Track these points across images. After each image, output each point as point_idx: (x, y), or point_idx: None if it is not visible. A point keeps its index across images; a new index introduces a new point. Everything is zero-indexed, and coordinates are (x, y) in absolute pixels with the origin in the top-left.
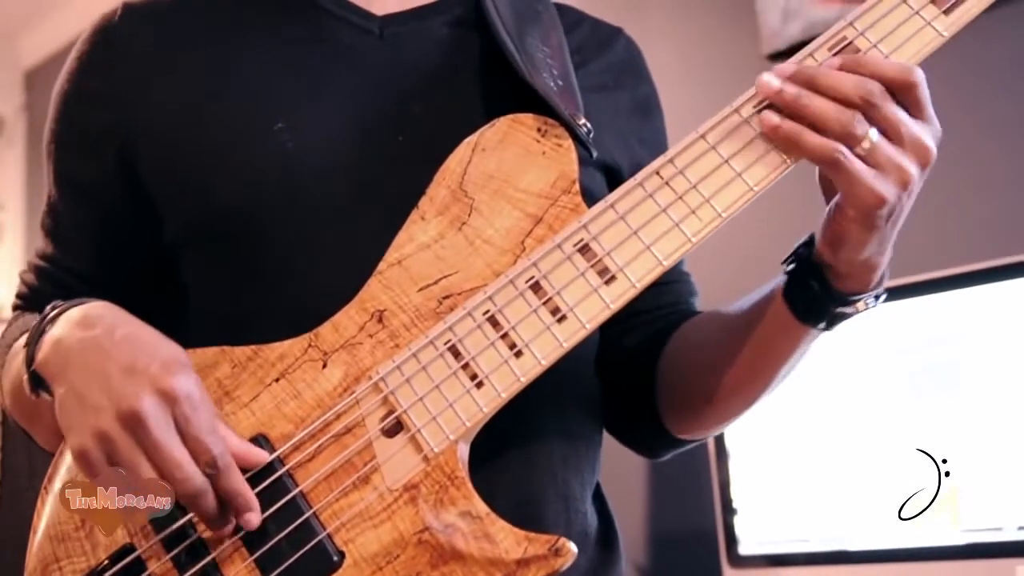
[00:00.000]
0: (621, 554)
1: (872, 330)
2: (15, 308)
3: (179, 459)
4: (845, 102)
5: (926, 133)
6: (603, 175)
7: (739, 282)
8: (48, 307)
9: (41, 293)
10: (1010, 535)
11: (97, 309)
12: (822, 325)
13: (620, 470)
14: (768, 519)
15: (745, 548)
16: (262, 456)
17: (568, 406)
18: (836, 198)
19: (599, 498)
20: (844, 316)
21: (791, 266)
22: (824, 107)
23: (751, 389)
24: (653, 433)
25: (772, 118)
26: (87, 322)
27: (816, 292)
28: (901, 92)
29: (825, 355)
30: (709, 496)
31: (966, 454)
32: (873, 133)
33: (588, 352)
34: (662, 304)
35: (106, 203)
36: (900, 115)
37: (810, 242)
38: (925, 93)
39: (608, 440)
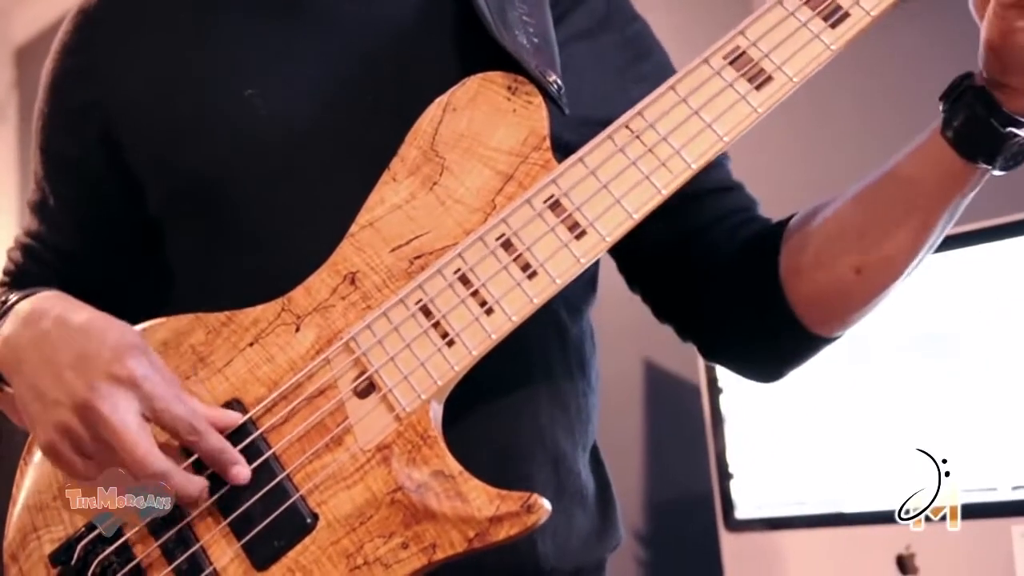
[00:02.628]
0: (618, 518)
1: None
2: (1, 285)
3: (133, 444)
4: None
5: None
6: (585, 130)
7: None
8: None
9: (26, 272)
10: (1004, 495)
11: (45, 301)
12: (985, 155)
13: (618, 436)
14: (764, 483)
15: (742, 512)
16: (232, 418)
17: (554, 365)
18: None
19: (596, 460)
20: (1012, 141)
21: (951, 101)
22: None
23: (903, 251)
24: (789, 339)
25: None
26: (35, 316)
27: (981, 116)
28: None
29: None
30: (705, 461)
31: (961, 414)
32: None
33: (575, 312)
34: (735, 209)
35: (90, 180)
36: None
37: (967, 75)
38: None
39: (603, 406)
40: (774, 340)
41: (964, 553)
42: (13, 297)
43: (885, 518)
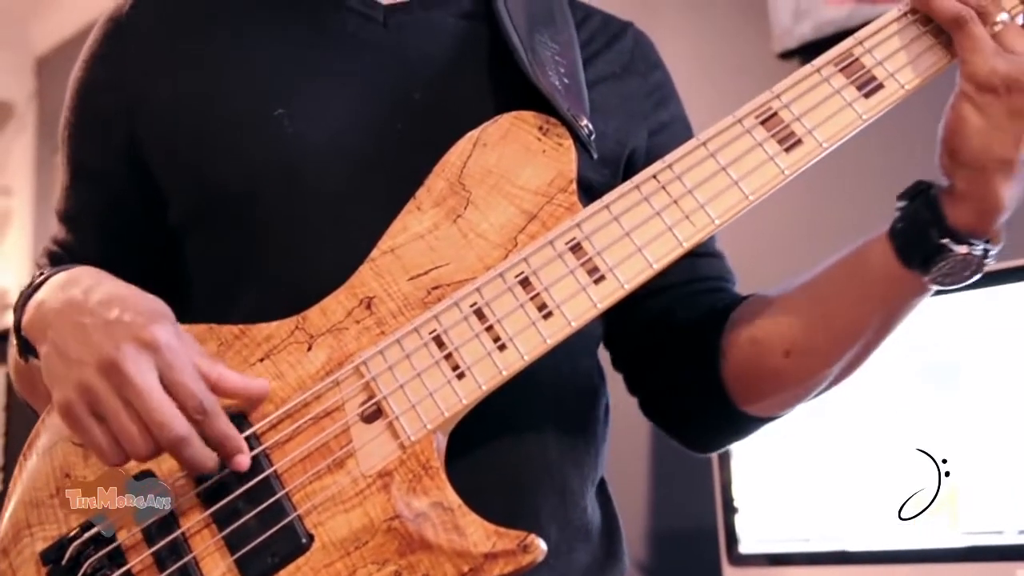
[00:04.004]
0: (624, 552)
1: None
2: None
3: (158, 405)
4: None
5: None
6: (609, 170)
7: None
8: (36, 274)
9: None
10: (1010, 538)
11: (80, 272)
12: (919, 262)
13: (622, 467)
14: (769, 518)
15: (746, 547)
16: (263, 387)
17: (564, 399)
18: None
19: (603, 494)
20: (946, 255)
21: (906, 201)
22: None
23: (831, 343)
24: (713, 409)
25: None
26: (68, 283)
27: (924, 220)
28: None
29: None
30: (710, 494)
31: (967, 456)
32: (1003, 16)
33: (585, 344)
34: (703, 276)
35: (116, 189)
36: None
37: (930, 183)
38: None
39: (610, 437)
40: (704, 412)
41: None
42: (49, 271)
43: (889, 558)
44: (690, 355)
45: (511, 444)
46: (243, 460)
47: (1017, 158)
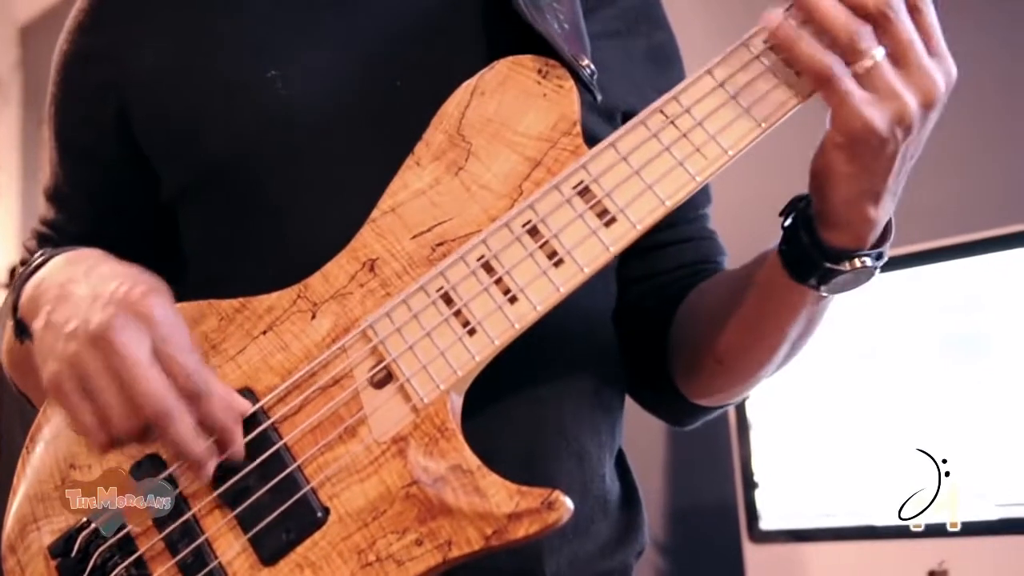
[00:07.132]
0: (644, 523)
1: (895, 300)
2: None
3: (143, 374)
4: (861, 9)
5: (935, 67)
6: (611, 124)
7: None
8: (37, 254)
9: None
10: None
11: (81, 252)
12: (813, 282)
13: (639, 442)
14: (790, 493)
15: (766, 523)
16: (243, 405)
17: (581, 363)
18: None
19: (622, 465)
20: (836, 273)
21: (787, 219)
22: (834, 13)
23: (758, 350)
24: (670, 399)
25: (776, 16)
26: (72, 261)
27: (805, 245)
28: (911, 12)
29: (848, 326)
30: (730, 469)
31: (999, 427)
32: (878, 52)
33: (602, 308)
34: (685, 263)
35: (106, 164)
36: (914, 37)
37: (806, 197)
38: (935, 22)
39: (627, 411)
40: (664, 401)
41: (999, 569)
42: (50, 251)
43: (920, 532)
44: (649, 350)
45: (524, 409)
46: (237, 452)
47: (885, 187)
